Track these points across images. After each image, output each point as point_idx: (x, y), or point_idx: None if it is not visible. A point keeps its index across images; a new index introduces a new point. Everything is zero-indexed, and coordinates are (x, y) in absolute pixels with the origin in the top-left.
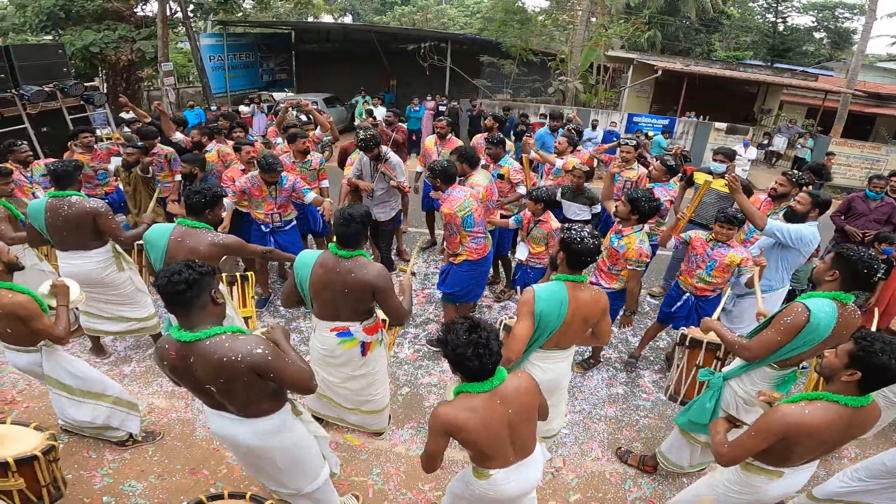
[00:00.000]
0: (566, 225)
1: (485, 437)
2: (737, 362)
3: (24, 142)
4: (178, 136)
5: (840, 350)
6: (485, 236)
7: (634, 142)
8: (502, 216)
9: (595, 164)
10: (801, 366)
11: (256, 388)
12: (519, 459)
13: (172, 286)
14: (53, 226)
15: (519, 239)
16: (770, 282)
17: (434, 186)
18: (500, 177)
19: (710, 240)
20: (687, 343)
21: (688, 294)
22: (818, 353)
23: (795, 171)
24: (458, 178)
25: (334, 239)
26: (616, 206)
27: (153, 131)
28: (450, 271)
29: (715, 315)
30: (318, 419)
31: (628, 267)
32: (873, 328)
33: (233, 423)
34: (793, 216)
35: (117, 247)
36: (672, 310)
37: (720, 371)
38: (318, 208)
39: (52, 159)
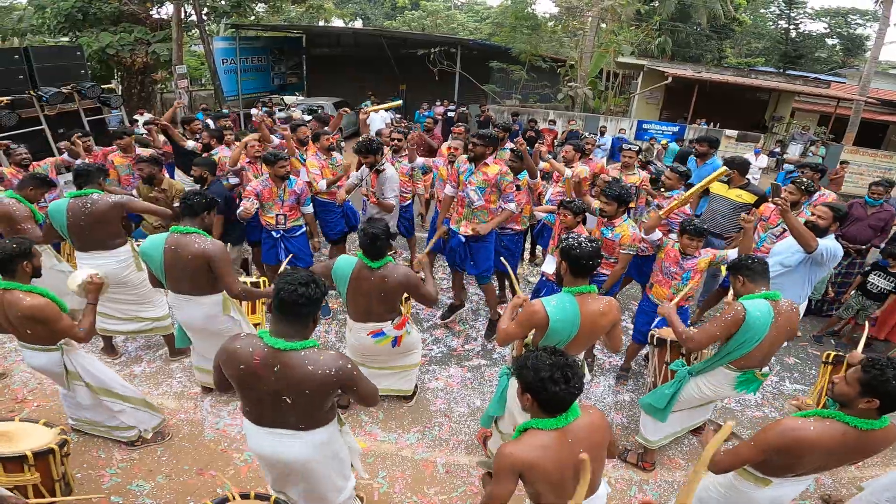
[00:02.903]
0: (563, 235)
1: (554, 479)
2: (702, 360)
3: (22, 145)
4: (191, 143)
5: (850, 378)
6: None
7: (636, 147)
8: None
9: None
10: (761, 370)
11: (329, 399)
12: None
13: (297, 297)
14: (75, 225)
15: (548, 251)
16: (794, 297)
17: (475, 155)
18: (517, 189)
19: (681, 252)
20: (654, 342)
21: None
22: (768, 351)
23: (804, 179)
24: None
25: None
26: (601, 209)
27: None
28: (472, 250)
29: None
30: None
31: (621, 252)
32: (863, 337)
33: (284, 439)
34: (814, 231)
35: (136, 247)
36: (651, 328)
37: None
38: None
39: (61, 158)
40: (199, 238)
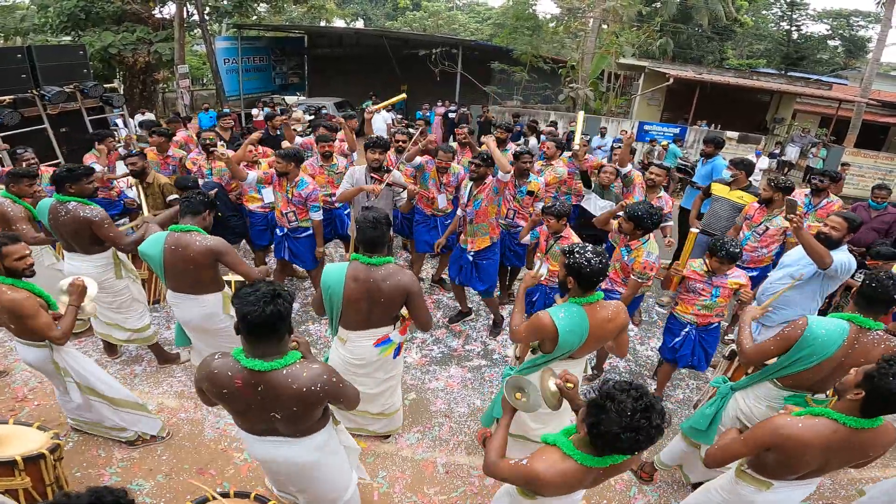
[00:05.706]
0: (566, 248)
1: (554, 498)
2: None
3: (29, 148)
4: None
5: (860, 368)
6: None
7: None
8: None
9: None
10: (813, 393)
11: (319, 410)
12: None
13: (267, 318)
14: (55, 228)
15: (536, 257)
16: (805, 311)
17: (478, 176)
18: (530, 193)
19: (706, 271)
20: (728, 355)
21: (688, 327)
22: (830, 376)
23: (780, 177)
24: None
25: (359, 249)
26: (619, 224)
27: (166, 131)
28: (479, 268)
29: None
30: None
31: (631, 276)
32: None
33: (281, 446)
34: (827, 242)
35: (119, 255)
36: (673, 346)
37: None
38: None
39: (55, 167)
40: (199, 236)
